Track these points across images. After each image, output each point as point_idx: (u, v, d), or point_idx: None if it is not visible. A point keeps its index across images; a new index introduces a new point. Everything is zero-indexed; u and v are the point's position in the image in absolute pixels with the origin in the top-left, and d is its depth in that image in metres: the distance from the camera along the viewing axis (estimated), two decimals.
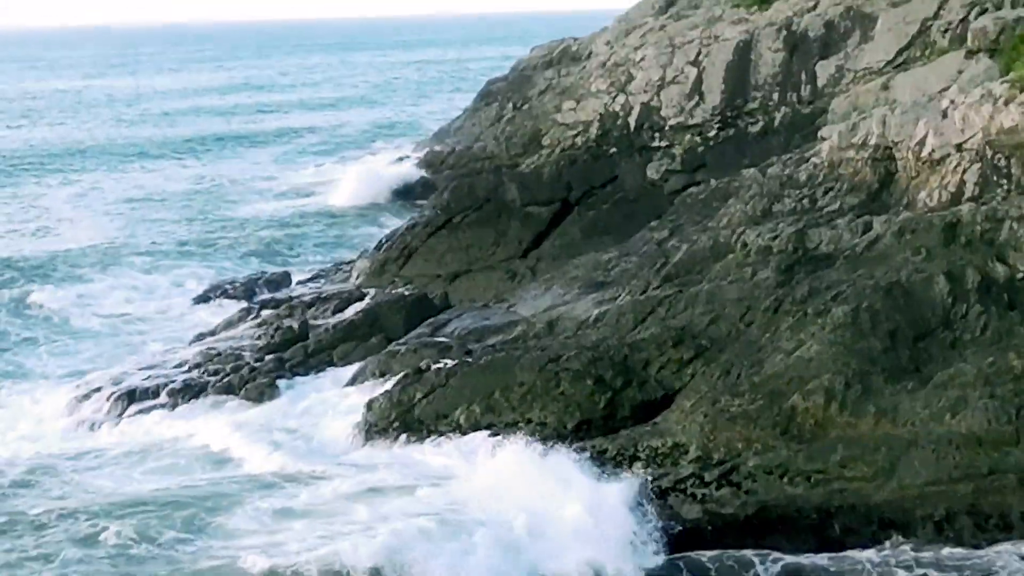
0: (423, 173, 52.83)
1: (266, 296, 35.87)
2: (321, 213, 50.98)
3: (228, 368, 28.51)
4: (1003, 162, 25.27)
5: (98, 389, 28.29)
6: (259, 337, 30.43)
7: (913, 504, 20.65)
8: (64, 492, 22.59)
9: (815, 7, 38.04)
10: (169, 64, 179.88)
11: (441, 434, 23.96)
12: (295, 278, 38.17)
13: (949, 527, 20.48)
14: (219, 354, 29.57)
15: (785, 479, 20.99)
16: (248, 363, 28.62)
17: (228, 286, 37.51)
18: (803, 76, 37.35)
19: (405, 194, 52.03)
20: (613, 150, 38.43)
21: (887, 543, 20.35)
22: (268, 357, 28.84)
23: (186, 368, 29.07)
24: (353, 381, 26.94)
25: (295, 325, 30.52)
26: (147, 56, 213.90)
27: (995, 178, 25.29)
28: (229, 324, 32.72)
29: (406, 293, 32.75)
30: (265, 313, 33.14)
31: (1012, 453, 20.64)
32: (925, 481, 20.70)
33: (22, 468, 24.01)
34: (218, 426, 25.41)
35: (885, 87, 31.95)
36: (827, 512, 20.76)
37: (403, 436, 23.84)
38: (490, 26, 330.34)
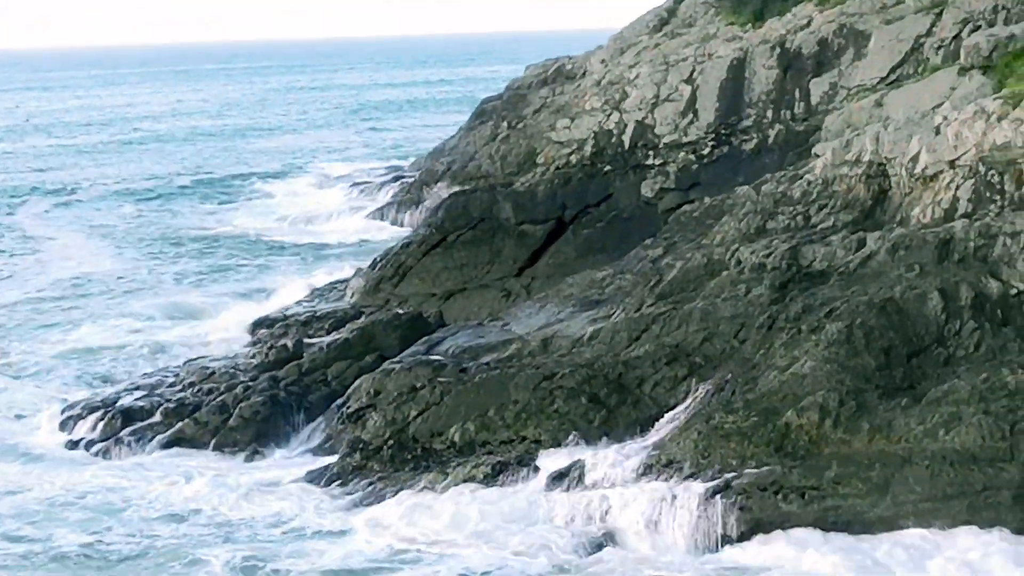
0: None
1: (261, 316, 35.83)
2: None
3: (223, 387, 28.48)
4: (996, 178, 25.30)
5: (93, 409, 28.28)
6: (253, 356, 30.38)
7: (907, 521, 20.62)
8: None
9: (808, 25, 38.13)
10: (159, 85, 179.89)
11: (437, 452, 24.02)
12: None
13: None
14: (213, 373, 29.52)
15: (779, 496, 20.97)
16: (243, 382, 28.57)
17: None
18: (797, 93, 37.42)
19: None
20: (607, 168, 38.44)
21: None
22: (262, 376, 28.79)
23: (180, 388, 29.03)
24: (346, 402, 26.82)
25: (289, 344, 30.47)
26: (136, 75, 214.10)
27: (988, 194, 25.32)
28: (224, 342, 32.67)
29: (401, 312, 32.71)
30: (260, 332, 33.11)
31: (1006, 469, 20.62)
32: (919, 498, 20.69)
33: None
34: None
35: (878, 104, 32.00)
36: (821, 529, 20.73)
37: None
38: (483, 45, 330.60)
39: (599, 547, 21.04)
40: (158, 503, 23.80)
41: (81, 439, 27.39)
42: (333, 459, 25.06)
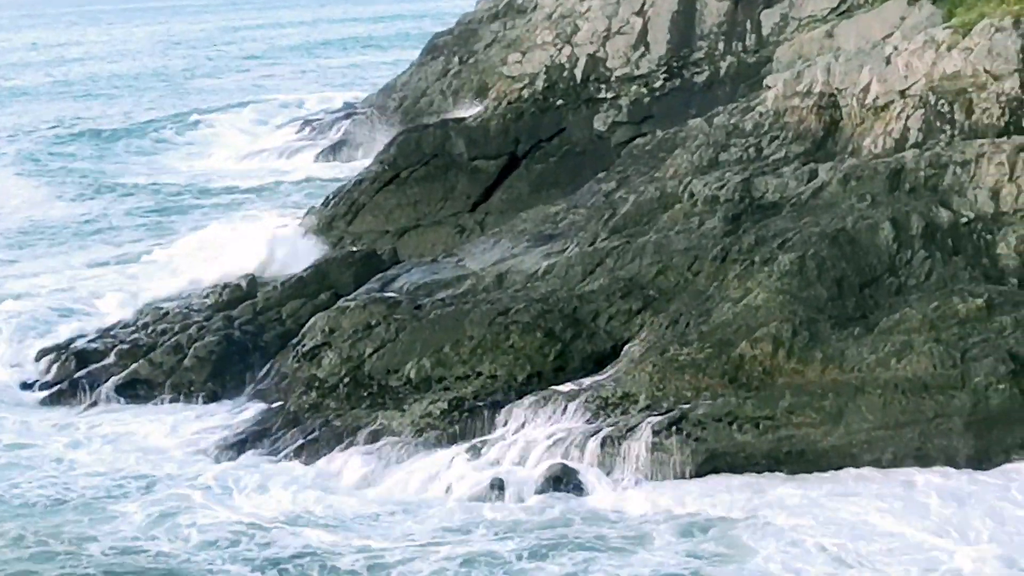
0: None
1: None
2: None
3: (177, 327, 28.35)
4: (946, 108, 25.43)
5: (47, 352, 28.16)
6: (207, 296, 30.24)
7: (861, 449, 20.88)
8: None
9: None
10: (108, 17, 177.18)
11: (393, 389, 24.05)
12: None
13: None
14: (167, 313, 29.39)
15: (734, 426, 21.15)
16: (197, 322, 28.45)
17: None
18: (748, 25, 37.34)
19: None
20: (560, 102, 38.28)
21: None
22: (216, 316, 28.69)
23: (134, 329, 28.89)
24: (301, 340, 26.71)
25: (243, 283, 30.35)
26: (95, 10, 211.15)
27: (938, 124, 25.45)
28: (174, 284, 32.44)
29: (354, 249, 32.62)
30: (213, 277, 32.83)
31: (957, 397, 20.90)
32: (872, 426, 20.94)
33: None
34: None
35: (829, 35, 32.01)
36: (775, 459, 20.97)
37: None
38: None
39: (551, 489, 20.94)
40: (86, 455, 23.64)
41: (35, 381, 27.31)
42: (289, 399, 25.03)
